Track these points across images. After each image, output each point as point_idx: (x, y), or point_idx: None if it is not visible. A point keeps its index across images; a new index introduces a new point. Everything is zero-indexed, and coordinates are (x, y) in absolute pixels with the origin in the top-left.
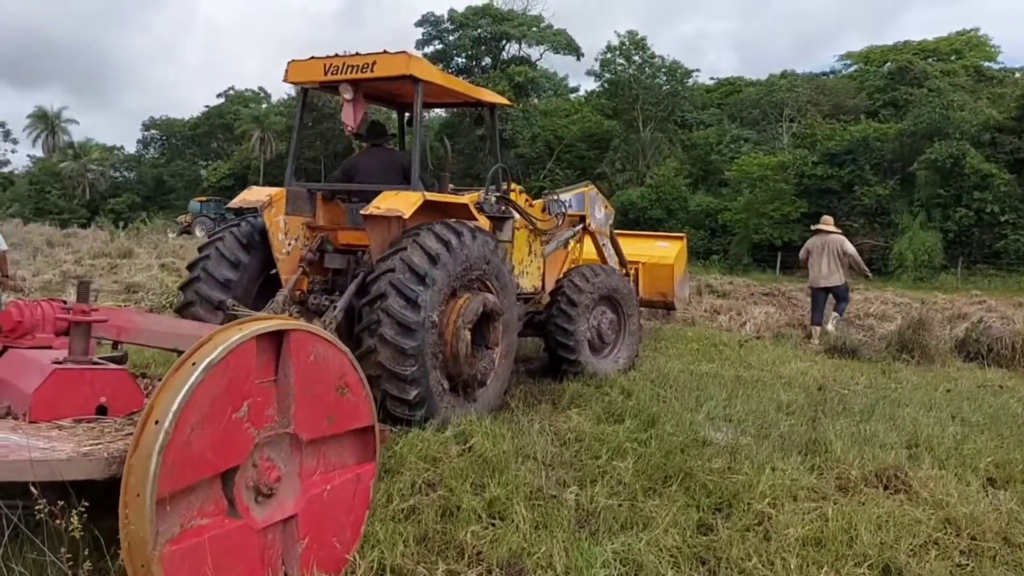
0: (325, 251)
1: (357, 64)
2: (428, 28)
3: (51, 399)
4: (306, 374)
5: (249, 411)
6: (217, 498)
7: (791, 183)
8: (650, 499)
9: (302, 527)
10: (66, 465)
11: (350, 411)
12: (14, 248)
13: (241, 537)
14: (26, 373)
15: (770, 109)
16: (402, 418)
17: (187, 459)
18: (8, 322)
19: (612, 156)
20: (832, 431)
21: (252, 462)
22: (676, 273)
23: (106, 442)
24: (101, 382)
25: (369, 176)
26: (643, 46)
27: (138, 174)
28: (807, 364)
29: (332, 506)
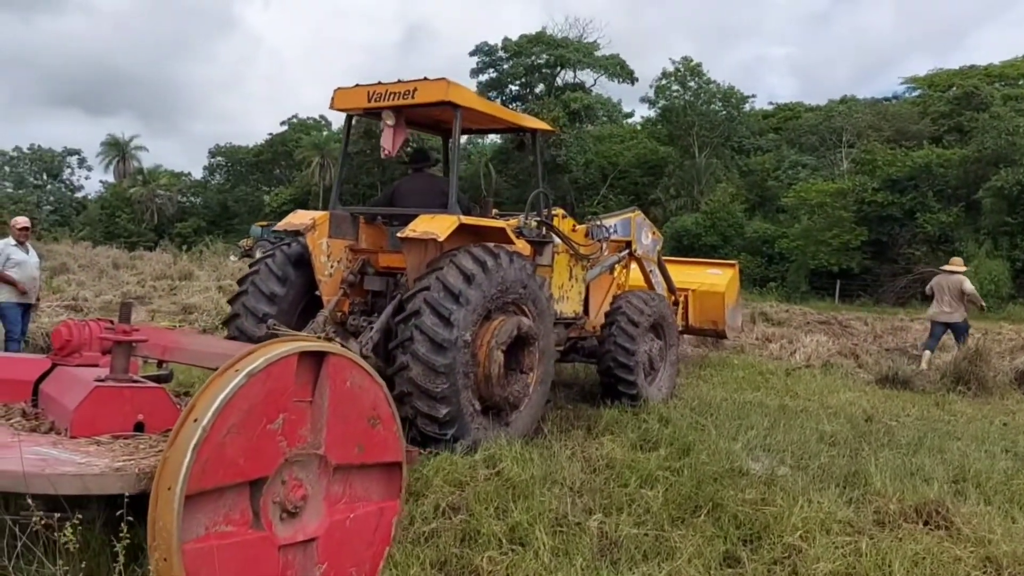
0: (366, 273)
1: (399, 91)
2: (482, 57)
3: (91, 415)
4: (341, 399)
5: (283, 425)
6: (243, 507)
7: (850, 210)
8: (676, 529)
9: (322, 552)
10: (98, 480)
11: (380, 444)
12: (82, 270)
13: (262, 549)
14: (70, 390)
15: (828, 135)
16: (432, 437)
17: (220, 460)
18: (58, 340)
19: (667, 182)
20: (874, 463)
21: (281, 478)
22: (728, 301)
23: (139, 458)
24: (140, 400)
25: (410, 200)
26: (698, 72)
27: (204, 199)
28: (856, 394)
29: (353, 536)
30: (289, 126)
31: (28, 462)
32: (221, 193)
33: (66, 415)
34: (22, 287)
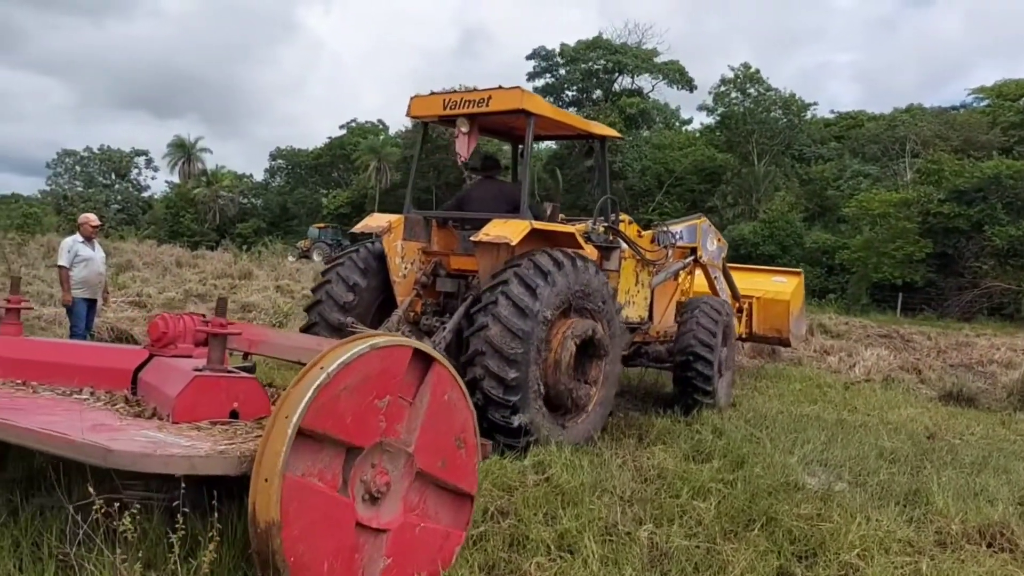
0: (438, 275)
1: (473, 99)
2: (539, 62)
3: (191, 403)
4: (437, 409)
5: (387, 407)
6: (336, 470)
7: (915, 221)
8: (729, 542)
9: (390, 546)
10: (204, 461)
11: (460, 467)
12: (146, 267)
13: (343, 515)
14: (170, 379)
15: (891, 144)
16: (495, 401)
17: (332, 409)
18: (155, 333)
19: (724, 190)
20: (936, 482)
21: (372, 460)
22: (792, 309)
23: (238, 442)
24: (235, 389)
25: (480, 205)
26: (758, 79)
27: (264, 201)
28: (918, 410)
29: (419, 546)
30: (347, 130)
31: (140, 443)
32: (281, 195)
33: (168, 402)
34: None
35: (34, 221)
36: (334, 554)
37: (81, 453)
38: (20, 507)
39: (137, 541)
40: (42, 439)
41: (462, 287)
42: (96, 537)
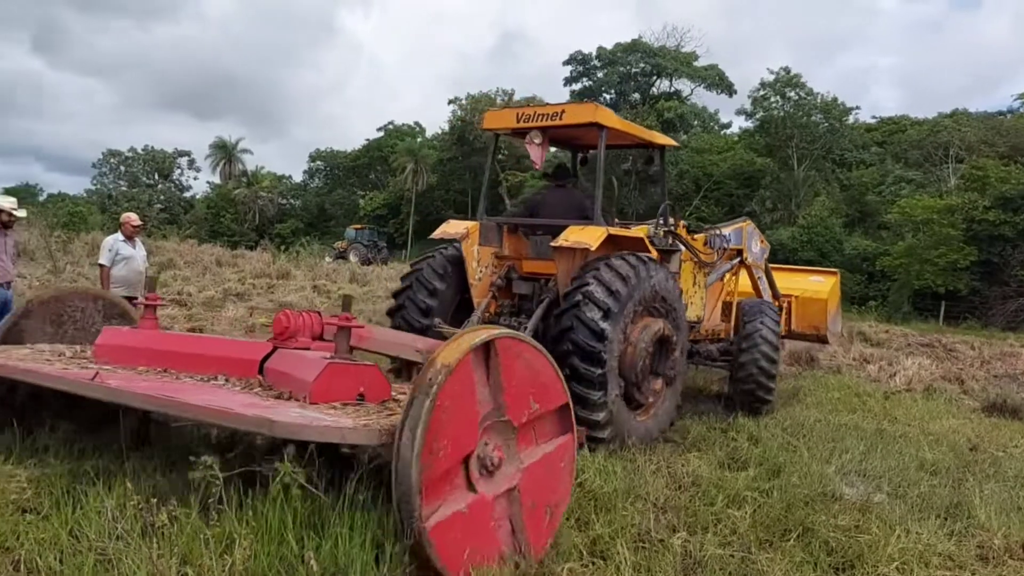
0: (511, 278)
1: (547, 113)
2: (576, 66)
3: (326, 387)
4: (513, 371)
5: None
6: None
7: (959, 228)
8: (764, 552)
9: (524, 493)
10: (353, 432)
11: (550, 396)
12: (187, 266)
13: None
14: (304, 367)
15: (934, 149)
16: (592, 439)
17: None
18: (278, 327)
19: (763, 194)
20: (978, 495)
21: (479, 452)
22: (829, 307)
23: (375, 419)
24: (361, 375)
25: (552, 212)
26: (798, 83)
27: (303, 202)
28: (960, 422)
29: (545, 473)
30: (385, 132)
31: (296, 417)
32: (319, 196)
33: (303, 386)
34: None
35: (79, 219)
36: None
37: (250, 425)
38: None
39: (174, 536)
40: (214, 414)
41: (537, 289)
42: (134, 532)
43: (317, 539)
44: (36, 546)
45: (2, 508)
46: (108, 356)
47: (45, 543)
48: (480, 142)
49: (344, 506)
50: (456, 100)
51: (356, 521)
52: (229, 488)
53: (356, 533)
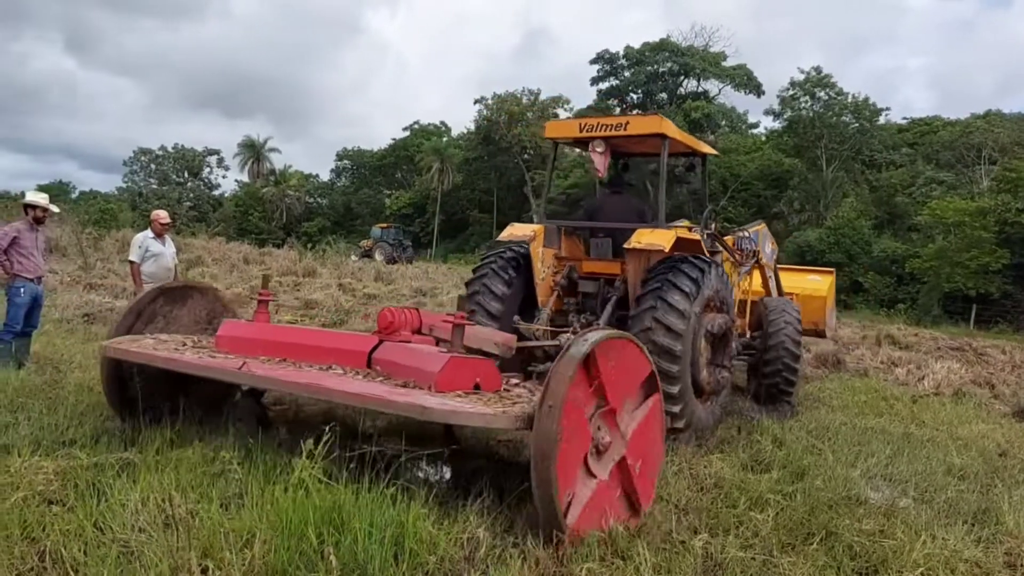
0: (572, 278)
1: (610, 124)
2: (603, 65)
3: (449, 377)
4: (613, 363)
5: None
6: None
7: (991, 230)
8: (786, 556)
9: (630, 461)
10: (494, 418)
11: (640, 371)
12: (215, 263)
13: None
14: (425, 359)
15: (966, 151)
16: (671, 430)
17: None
18: (383, 322)
19: (791, 195)
20: (1007, 501)
21: (597, 424)
22: (827, 304)
23: (508, 406)
24: (477, 367)
25: (610, 216)
26: (828, 83)
27: (330, 200)
28: (990, 426)
29: (642, 437)
30: (411, 131)
31: (444, 404)
32: (346, 195)
33: (428, 376)
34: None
35: (110, 217)
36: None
37: (403, 410)
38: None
39: (195, 529)
40: (369, 400)
41: (601, 288)
42: (157, 524)
43: (337, 535)
44: (61, 537)
45: (29, 499)
46: (229, 346)
47: (70, 534)
48: (505, 142)
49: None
50: (482, 100)
51: (376, 518)
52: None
53: (376, 530)
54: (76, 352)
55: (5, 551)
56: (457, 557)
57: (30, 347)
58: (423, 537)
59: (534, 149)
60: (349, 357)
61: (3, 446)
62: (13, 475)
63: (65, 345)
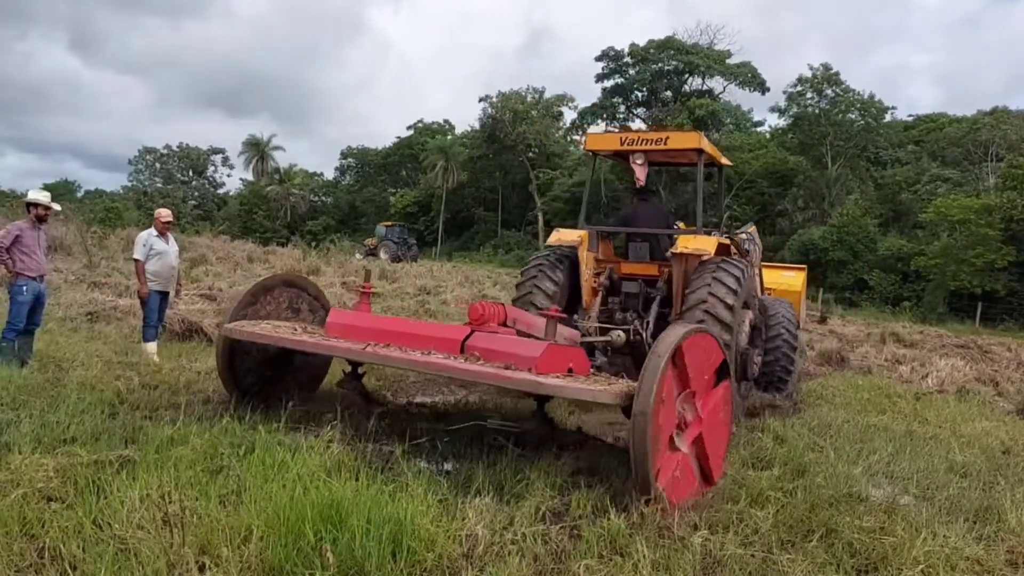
0: (612, 279)
1: (651, 138)
2: (608, 63)
3: (548, 361)
4: (694, 352)
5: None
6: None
7: (997, 228)
8: (785, 553)
9: (705, 437)
10: (599, 393)
11: (713, 359)
12: (219, 262)
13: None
14: (525, 346)
15: (974, 147)
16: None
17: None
18: (475, 314)
19: (795, 193)
20: (1010, 498)
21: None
22: (801, 298)
23: (607, 386)
24: (569, 354)
25: (644, 222)
26: (836, 80)
27: (334, 199)
28: (993, 424)
29: (714, 416)
30: (415, 130)
31: (555, 381)
32: (350, 193)
33: (528, 361)
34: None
35: (115, 215)
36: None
37: (520, 386)
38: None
39: (193, 526)
40: (492, 377)
41: (642, 289)
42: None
43: (334, 531)
44: (60, 534)
45: (28, 496)
46: (338, 332)
47: (69, 531)
48: (510, 140)
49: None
50: (487, 98)
51: (374, 515)
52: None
53: (374, 527)
54: (79, 350)
55: (5, 548)
56: (455, 554)
57: (33, 345)
58: (421, 534)
59: (539, 147)
60: (445, 344)
61: (4, 444)
62: (13, 472)
63: (68, 343)
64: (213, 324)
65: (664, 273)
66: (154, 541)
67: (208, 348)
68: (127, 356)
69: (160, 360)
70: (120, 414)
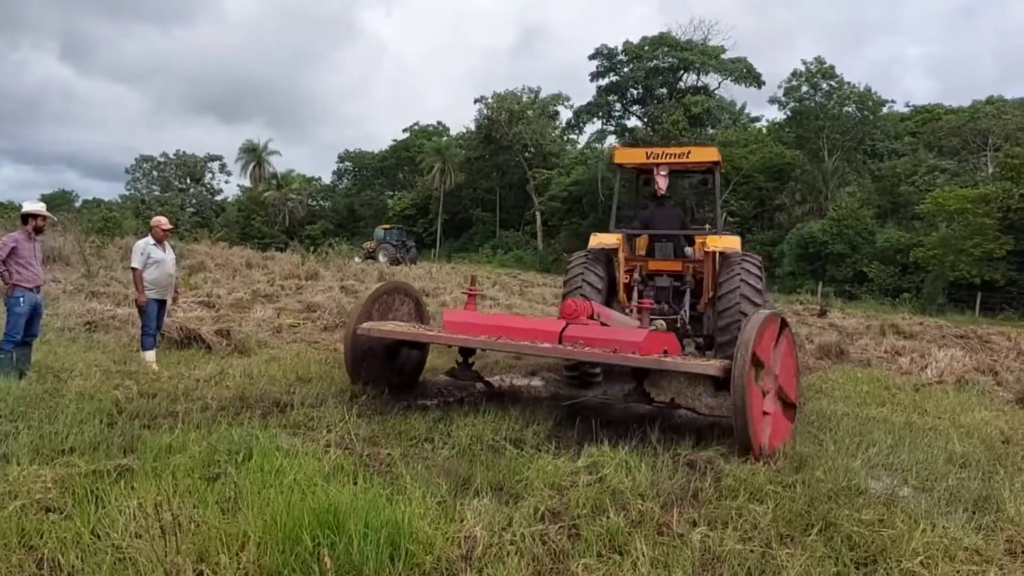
0: (642, 275)
1: (674, 153)
2: (602, 61)
3: (649, 345)
4: (767, 328)
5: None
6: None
7: (995, 217)
8: (785, 547)
9: (782, 386)
10: (708, 367)
11: (776, 326)
12: (218, 268)
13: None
14: (624, 334)
15: (972, 138)
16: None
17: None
18: (568, 310)
19: (792, 187)
20: (1009, 488)
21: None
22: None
23: (708, 361)
24: (664, 339)
25: (663, 225)
26: (831, 74)
27: (332, 203)
28: (992, 414)
29: (784, 366)
30: (410, 133)
31: (669, 359)
32: (348, 197)
33: (631, 346)
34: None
35: (113, 225)
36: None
37: (644, 363)
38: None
39: (191, 534)
40: (618, 357)
41: (672, 282)
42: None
43: (332, 536)
44: (59, 544)
45: (27, 507)
46: (454, 329)
47: (67, 542)
48: (507, 140)
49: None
50: (482, 99)
51: (371, 518)
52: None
53: (371, 530)
54: (77, 360)
55: (3, 559)
56: (454, 556)
57: (31, 356)
58: (420, 537)
59: (535, 147)
60: (546, 335)
61: (3, 455)
62: (12, 483)
63: (67, 354)
64: (212, 331)
65: (689, 269)
66: (152, 550)
67: (207, 355)
68: (126, 365)
69: (159, 368)
70: (118, 423)
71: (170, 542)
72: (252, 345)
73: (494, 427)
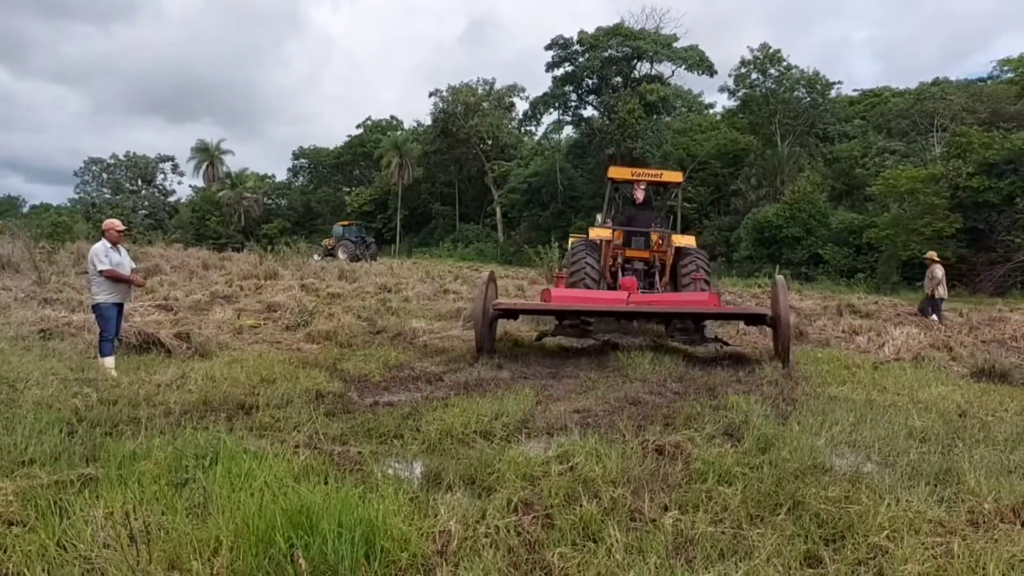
0: (619, 261)
1: (652, 174)
2: (557, 51)
3: (711, 301)
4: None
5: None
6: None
7: (944, 196)
8: (755, 527)
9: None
10: (760, 308)
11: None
12: (173, 271)
13: None
14: (691, 296)
15: (920, 119)
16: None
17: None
18: (628, 284)
19: (748, 172)
20: (968, 460)
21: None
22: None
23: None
24: (714, 298)
25: (643, 223)
26: (778, 59)
27: (288, 201)
28: (949, 388)
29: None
30: (364, 128)
31: (739, 308)
32: (304, 194)
33: (699, 304)
34: (138, 280)
35: (64, 229)
36: None
37: (730, 316)
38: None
39: (162, 541)
40: (718, 315)
41: (644, 266)
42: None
43: (306, 537)
44: (24, 558)
45: None
46: (562, 301)
47: (32, 555)
48: (463, 133)
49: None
50: (437, 92)
51: (344, 518)
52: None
53: (345, 530)
54: (33, 369)
55: None
56: (429, 551)
57: None
58: (394, 534)
59: (492, 139)
60: (617, 303)
61: None
62: None
63: (21, 363)
64: (171, 335)
65: (654, 257)
66: (121, 559)
67: (167, 359)
68: (84, 372)
69: (118, 374)
70: (79, 432)
71: (141, 551)
72: (213, 347)
73: (463, 421)
